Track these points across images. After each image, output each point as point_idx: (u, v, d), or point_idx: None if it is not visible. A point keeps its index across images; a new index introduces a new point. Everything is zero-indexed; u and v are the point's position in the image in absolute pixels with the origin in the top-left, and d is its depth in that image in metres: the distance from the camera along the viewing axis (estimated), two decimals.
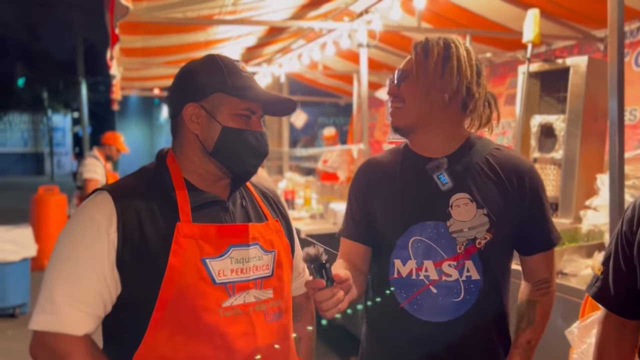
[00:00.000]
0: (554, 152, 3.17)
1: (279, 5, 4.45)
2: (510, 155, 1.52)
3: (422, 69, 1.43)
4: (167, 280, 1.17)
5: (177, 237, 1.18)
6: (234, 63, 1.29)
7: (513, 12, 3.99)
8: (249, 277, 1.26)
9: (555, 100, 3.37)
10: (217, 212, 1.27)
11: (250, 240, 1.27)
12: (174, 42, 5.02)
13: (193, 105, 1.26)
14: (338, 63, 6.28)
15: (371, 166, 1.61)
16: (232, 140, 1.25)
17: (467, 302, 1.45)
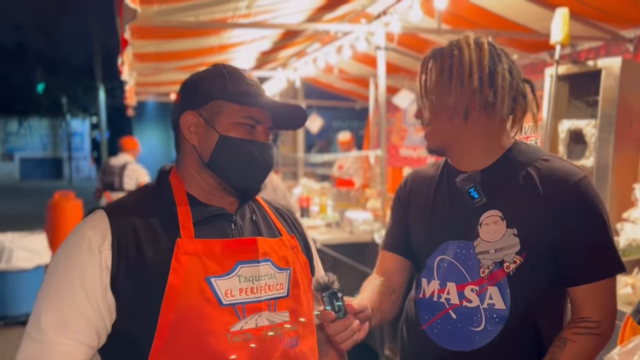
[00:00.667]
0: (585, 159, 2.99)
1: (294, 8, 4.34)
2: (556, 166, 1.33)
3: (434, 88, 1.33)
4: (167, 302, 1.06)
5: (177, 254, 1.09)
6: (238, 70, 1.21)
7: (537, 12, 3.82)
8: (261, 297, 1.15)
9: (585, 104, 3.20)
10: (223, 227, 1.18)
11: (260, 256, 1.17)
12: (187, 46, 4.93)
13: (191, 113, 1.18)
14: (354, 67, 6.15)
15: (415, 178, 1.54)
16: (229, 151, 1.16)
17: (488, 333, 1.29)
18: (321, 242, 4.09)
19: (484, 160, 1.37)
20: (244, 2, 3.84)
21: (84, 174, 33.98)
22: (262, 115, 1.18)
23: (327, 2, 4.36)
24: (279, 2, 4.09)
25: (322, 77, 6.88)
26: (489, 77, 1.30)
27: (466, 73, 1.29)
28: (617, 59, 2.90)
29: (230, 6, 3.89)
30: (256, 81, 1.21)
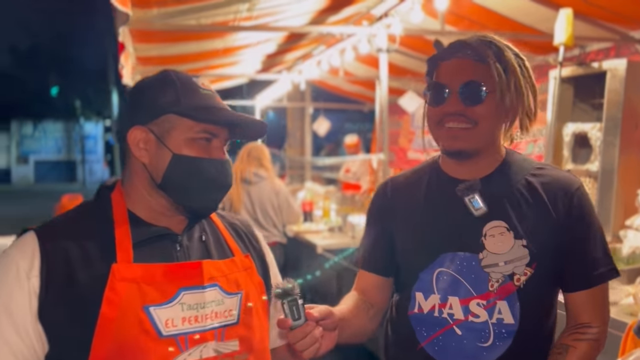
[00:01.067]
0: (589, 164, 2.92)
1: (296, 11, 4.30)
2: (554, 174, 1.31)
3: (507, 88, 1.21)
4: (100, 335, 0.97)
5: (112, 282, 1.00)
6: (190, 79, 1.11)
7: (543, 12, 3.74)
8: (206, 326, 1.06)
9: (590, 107, 3.13)
10: (167, 249, 1.08)
11: (206, 281, 1.07)
12: (191, 49, 4.92)
13: (140, 128, 1.07)
14: (360, 69, 6.11)
15: (394, 186, 1.42)
16: (184, 171, 1.06)
17: (496, 348, 1.24)
18: (323, 246, 4.04)
19: (485, 169, 1.31)
20: (245, 5, 3.82)
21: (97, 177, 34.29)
22: (218, 129, 1.09)
23: (329, 5, 4.32)
24: (280, 4, 4.05)
25: (329, 79, 6.84)
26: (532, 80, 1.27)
27: (529, 79, 1.25)
28: (623, 61, 2.82)
29: (232, 9, 3.87)
30: (211, 90, 1.12)
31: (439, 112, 1.26)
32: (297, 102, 8.00)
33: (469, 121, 1.23)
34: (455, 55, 1.26)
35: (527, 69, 1.26)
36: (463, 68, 1.24)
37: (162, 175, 1.07)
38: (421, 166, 1.43)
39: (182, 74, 1.12)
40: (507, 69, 1.22)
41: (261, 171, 4.34)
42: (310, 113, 8.22)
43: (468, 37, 1.28)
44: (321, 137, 8.89)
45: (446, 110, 1.25)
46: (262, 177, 4.32)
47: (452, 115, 1.24)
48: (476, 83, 1.22)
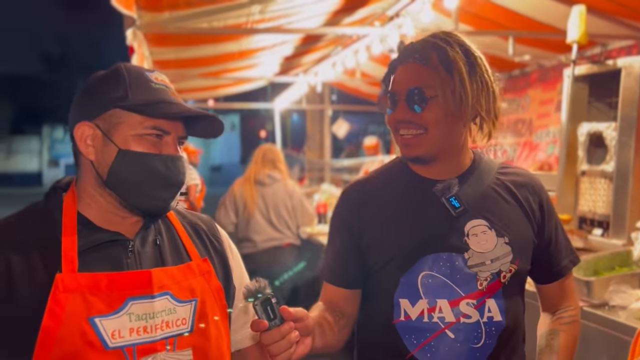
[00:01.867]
0: (605, 164, 2.82)
1: (309, 13, 4.30)
2: (520, 172, 1.35)
3: (449, 90, 1.18)
4: (40, 350, 0.93)
5: (55, 293, 0.95)
6: (142, 72, 1.06)
7: (561, 10, 3.64)
8: (156, 336, 1.02)
9: (607, 106, 3.03)
10: (117, 255, 1.04)
11: (155, 290, 1.02)
12: (207, 53, 4.96)
13: (86, 124, 1.03)
14: (378, 70, 6.07)
15: (360, 190, 1.35)
16: (130, 167, 1.01)
17: (487, 347, 1.23)
18: None
19: (457, 169, 1.29)
20: (257, 7, 3.83)
21: None
22: (170, 125, 1.04)
23: (343, 6, 4.30)
24: (292, 7, 4.06)
25: (347, 81, 6.82)
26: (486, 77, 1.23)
27: (487, 75, 1.22)
28: (638, 58, 2.73)
29: (243, 12, 3.89)
30: (164, 83, 1.06)
31: (392, 120, 1.26)
32: (315, 105, 8.01)
33: (418, 127, 1.21)
34: (405, 60, 1.24)
35: (480, 67, 1.21)
36: (410, 73, 1.23)
37: (107, 172, 1.02)
38: (387, 167, 1.38)
39: (134, 67, 1.07)
40: (452, 69, 1.18)
41: (275, 173, 4.33)
42: (329, 115, 8.21)
43: (420, 39, 1.25)
44: (340, 139, 8.88)
45: (397, 118, 1.24)
46: (276, 179, 4.31)
47: (402, 122, 1.23)
48: (418, 89, 1.20)
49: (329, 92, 7.86)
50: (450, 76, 1.18)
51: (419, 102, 1.20)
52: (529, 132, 5.20)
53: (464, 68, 1.19)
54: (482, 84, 1.21)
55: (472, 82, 1.19)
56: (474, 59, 1.21)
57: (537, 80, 5.14)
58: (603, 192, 2.85)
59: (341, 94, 8.37)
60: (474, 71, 1.20)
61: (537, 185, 1.34)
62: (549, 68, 4.94)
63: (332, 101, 8.78)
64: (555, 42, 4.36)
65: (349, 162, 7.57)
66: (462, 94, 1.18)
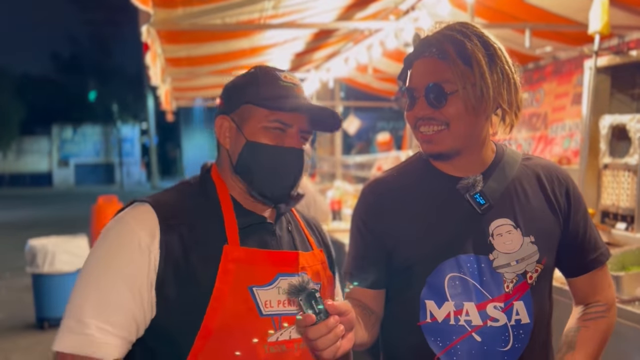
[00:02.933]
0: (628, 157, 2.77)
1: (322, 8, 4.26)
2: (544, 163, 1.31)
3: (470, 83, 1.14)
4: (212, 309, 1.07)
5: (224, 262, 1.09)
6: (272, 72, 1.19)
7: (578, 2, 3.59)
8: (295, 310, 1.10)
9: (629, 97, 2.98)
10: (264, 236, 1.18)
11: (299, 270, 1.17)
12: (219, 50, 4.94)
13: (224, 117, 1.19)
14: (390, 66, 6.02)
15: (382, 187, 1.31)
16: (253, 157, 1.14)
17: (515, 351, 1.19)
18: None
19: (480, 164, 1.25)
20: (270, 2, 3.80)
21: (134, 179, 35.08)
22: (293, 119, 1.14)
23: (356, 1, 4.26)
24: (305, 2, 4.02)
25: (359, 77, 6.78)
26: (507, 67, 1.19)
27: (507, 67, 1.18)
28: None
29: (257, 7, 3.86)
30: (293, 82, 1.18)
31: (411, 117, 1.23)
32: (326, 101, 7.97)
33: (440, 123, 1.18)
34: (422, 54, 1.20)
35: (500, 58, 1.17)
36: (428, 68, 1.19)
37: (236, 160, 1.16)
38: (408, 164, 1.35)
39: (266, 68, 1.20)
40: (471, 62, 1.15)
41: None
42: (340, 111, 8.18)
43: (436, 32, 1.20)
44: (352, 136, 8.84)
45: (416, 115, 1.21)
46: None
47: (423, 119, 1.20)
48: (437, 85, 1.16)
49: (340, 89, 7.81)
50: (470, 69, 1.15)
51: (438, 98, 1.17)
52: (544, 126, 5.13)
53: (483, 60, 1.15)
54: (502, 75, 1.17)
55: (492, 74, 1.16)
56: (493, 49, 1.18)
57: (552, 73, 5.07)
58: (627, 186, 2.80)
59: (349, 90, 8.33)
60: (493, 62, 1.17)
61: (563, 174, 1.30)
62: (564, 61, 4.88)
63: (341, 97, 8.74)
64: (572, 34, 4.30)
65: (361, 158, 7.53)
66: (482, 87, 1.15)
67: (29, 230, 11.20)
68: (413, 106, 1.21)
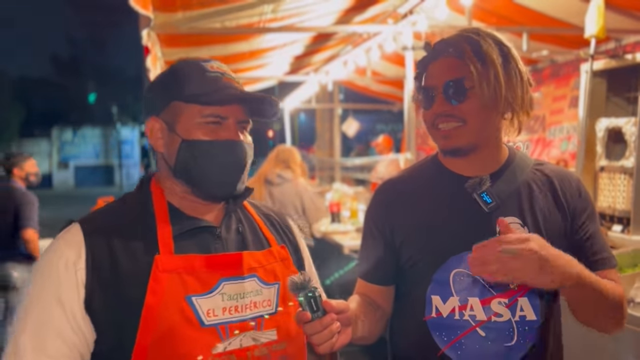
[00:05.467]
0: (624, 160, 2.80)
1: (321, 11, 4.29)
2: (556, 169, 1.33)
3: (485, 81, 1.18)
4: (145, 324, 1.00)
5: (155, 273, 1.02)
6: (198, 64, 1.11)
7: (575, 5, 3.61)
8: (245, 315, 1.08)
9: (625, 101, 3.00)
10: (206, 240, 1.11)
11: (245, 272, 1.09)
12: (218, 53, 4.95)
13: (154, 119, 1.11)
14: (388, 68, 6.05)
15: (393, 188, 1.36)
16: (192, 155, 1.07)
17: (520, 347, 1.21)
18: (349, 247, 4.00)
19: (492, 165, 1.28)
20: (270, 6, 3.82)
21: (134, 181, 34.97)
22: (226, 110, 1.08)
23: (355, 4, 4.29)
24: (305, 5, 4.04)
25: (357, 80, 6.80)
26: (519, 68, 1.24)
27: (521, 66, 1.22)
28: None
29: (256, 11, 3.88)
30: (220, 71, 1.11)
31: (430, 115, 1.26)
32: (325, 104, 8.00)
33: (458, 120, 1.22)
34: (440, 55, 1.24)
35: (513, 59, 1.22)
36: (446, 67, 1.23)
37: (174, 162, 1.09)
38: (420, 165, 1.39)
39: (190, 61, 1.13)
40: (486, 61, 1.19)
41: (286, 173, 4.29)
42: (339, 114, 8.20)
43: (453, 34, 1.25)
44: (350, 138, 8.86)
45: (435, 112, 1.24)
46: (286, 178, 4.27)
47: (441, 116, 1.23)
48: (456, 80, 1.20)
49: (339, 92, 7.84)
50: (485, 68, 1.18)
51: (457, 94, 1.21)
52: (542, 129, 5.15)
53: (497, 60, 1.19)
54: (515, 75, 1.21)
55: (505, 74, 1.20)
56: (507, 50, 1.22)
57: (550, 76, 5.09)
58: (623, 188, 2.82)
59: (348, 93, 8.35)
60: (507, 62, 1.21)
61: (576, 180, 1.33)
62: (562, 64, 4.90)
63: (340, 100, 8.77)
64: (569, 37, 4.32)
65: (360, 160, 7.55)
66: (496, 86, 1.19)
67: None
68: (431, 104, 1.24)
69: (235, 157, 1.09)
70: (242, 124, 1.12)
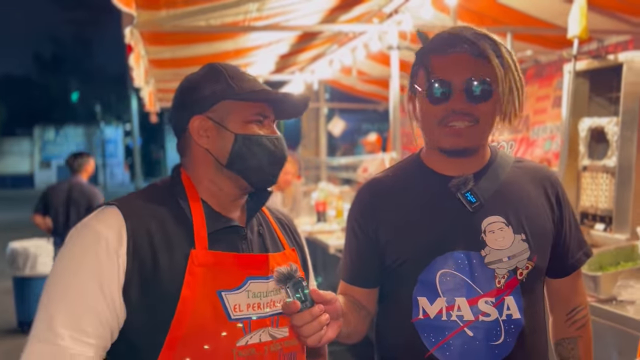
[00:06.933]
0: (607, 159, 2.83)
1: (307, 10, 4.28)
2: (535, 166, 1.35)
3: (509, 86, 1.18)
4: (180, 315, 1.05)
5: (191, 266, 1.08)
6: (236, 68, 1.20)
7: (558, 6, 3.66)
8: (266, 313, 1.14)
9: (607, 101, 3.03)
10: (234, 240, 1.17)
11: (269, 272, 1.16)
12: (203, 51, 4.92)
13: (200, 117, 1.16)
14: (373, 68, 6.06)
15: (376, 188, 1.34)
16: (248, 148, 1.15)
17: (506, 346, 1.22)
18: (335, 247, 3.99)
19: (477, 164, 1.28)
20: (255, 4, 3.80)
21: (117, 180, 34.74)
22: (268, 110, 1.19)
23: (340, 3, 4.28)
24: (290, 4, 4.03)
25: (343, 79, 6.81)
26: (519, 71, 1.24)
27: (515, 66, 1.21)
28: (639, 53, 2.73)
29: (241, 9, 3.86)
30: (253, 76, 1.20)
31: (441, 110, 1.20)
32: (311, 103, 7.98)
33: (472, 119, 1.19)
34: (453, 49, 1.20)
35: (515, 62, 1.21)
36: (464, 64, 1.19)
37: (227, 156, 1.14)
38: (402, 164, 1.38)
39: (227, 64, 1.20)
40: (504, 64, 1.18)
41: None
42: (325, 113, 8.19)
43: (459, 30, 1.22)
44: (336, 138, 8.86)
45: (452, 108, 1.19)
46: None
47: (458, 113, 1.19)
48: (482, 80, 1.18)
49: (325, 91, 7.83)
50: (507, 72, 1.18)
51: (482, 93, 1.18)
52: (525, 128, 5.20)
53: (512, 65, 1.19)
54: (518, 78, 1.21)
55: (514, 77, 1.20)
56: (509, 54, 1.21)
57: (534, 76, 5.14)
58: (605, 187, 2.86)
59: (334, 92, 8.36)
60: (515, 66, 1.21)
61: (554, 177, 1.34)
62: (545, 64, 4.95)
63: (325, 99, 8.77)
64: (552, 38, 4.38)
65: (346, 160, 7.55)
66: (514, 92, 1.20)
67: (10, 232, 11.03)
68: (445, 100, 1.20)
69: (281, 150, 1.19)
70: (274, 122, 1.22)
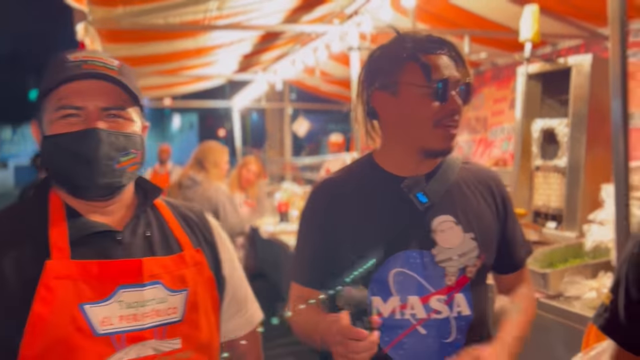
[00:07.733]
0: (557, 159, 2.92)
1: (268, 10, 4.26)
2: (482, 168, 1.40)
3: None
4: (30, 334, 0.94)
5: (46, 279, 0.96)
6: (61, 57, 1.04)
7: (514, 10, 3.73)
8: (145, 324, 1.02)
9: (558, 103, 3.13)
10: (107, 246, 1.04)
11: (146, 279, 1.03)
12: (162, 50, 4.85)
13: (34, 122, 1.07)
14: (337, 69, 6.08)
15: (329, 190, 1.34)
16: (50, 152, 1.02)
17: (457, 342, 1.25)
18: None
19: (429, 166, 1.30)
20: (215, 3, 3.76)
21: None
22: (82, 98, 1.00)
23: (302, 4, 4.28)
24: (251, 3, 4.01)
25: (307, 80, 6.80)
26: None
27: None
28: (587, 56, 2.83)
29: (201, 8, 3.81)
30: (84, 59, 1.02)
31: (444, 110, 1.21)
32: (275, 103, 7.96)
33: (458, 121, 1.23)
34: (440, 50, 1.22)
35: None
36: (449, 65, 1.21)
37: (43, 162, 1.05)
38: (355, 165, 1.39)
39: (58, 54, 1.05)
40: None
41: (198, 175, 3.84)
42: (289, 114, 8.18)
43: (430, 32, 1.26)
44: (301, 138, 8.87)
45: (453, 109, 1.21)
46: (196, 181, 3.82)
47: (456, 113, 1.21)
48: (468, 83, 1.23)
49: (289, 91, 7.83)
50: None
51: (466, 97, 1.23)
52: (484, 129, 5.31)
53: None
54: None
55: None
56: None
57: (491, 78, 5.26)
58: (556, 187, 2.95)
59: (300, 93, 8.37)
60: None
61: (498, 180, 1.38)
62: (503, 67, 5.07)
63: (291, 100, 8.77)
64: (509, 41, 4.47)
65: (310, 160, 7.56)
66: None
67: None
68: (445, 99, 1.20)
69: (90, 146, 0.99)
70: (113, 110, 1.03)
